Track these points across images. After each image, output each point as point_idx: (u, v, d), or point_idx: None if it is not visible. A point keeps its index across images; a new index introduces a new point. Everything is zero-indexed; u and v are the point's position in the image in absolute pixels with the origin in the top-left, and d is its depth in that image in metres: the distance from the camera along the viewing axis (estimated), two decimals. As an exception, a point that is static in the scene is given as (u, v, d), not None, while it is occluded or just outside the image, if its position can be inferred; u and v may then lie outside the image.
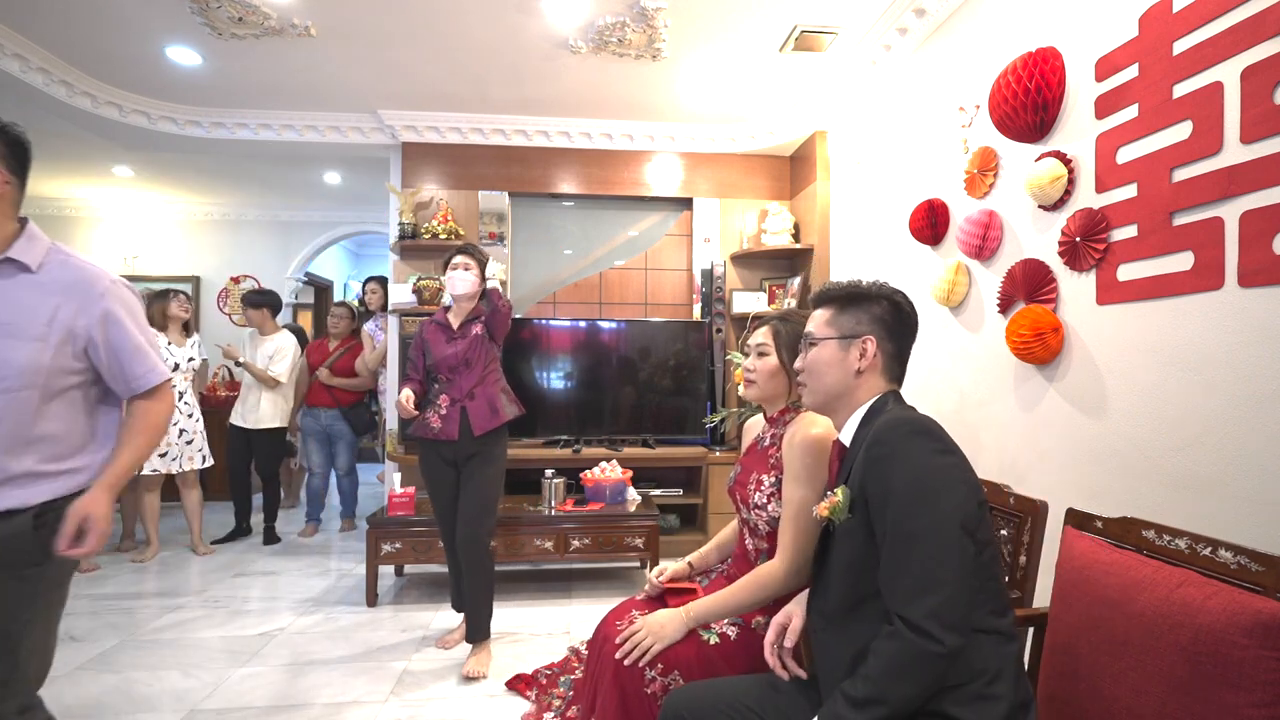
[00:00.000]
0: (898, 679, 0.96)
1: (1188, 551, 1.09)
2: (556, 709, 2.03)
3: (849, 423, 1.21)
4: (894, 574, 1.00)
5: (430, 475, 2.53)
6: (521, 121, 3.94)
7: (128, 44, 3.07)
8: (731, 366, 3.77)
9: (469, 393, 2.48)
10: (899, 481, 1.02)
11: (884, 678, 0.96)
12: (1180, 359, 1.56)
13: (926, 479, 1.02)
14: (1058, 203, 1.92)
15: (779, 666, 1.25)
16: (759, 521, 1.53)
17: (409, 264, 3.97)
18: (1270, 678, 0.90)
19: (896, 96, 2.93)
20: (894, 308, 1.23)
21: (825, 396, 1.24)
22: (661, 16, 2.79)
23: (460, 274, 2.51)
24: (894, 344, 1.23)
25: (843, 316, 1.24)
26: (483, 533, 2.45)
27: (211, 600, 3.01)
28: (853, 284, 1.27)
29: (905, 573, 0.98)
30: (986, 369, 2.27)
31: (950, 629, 0.94)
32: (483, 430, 2.45)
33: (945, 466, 1.04)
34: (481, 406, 2.48)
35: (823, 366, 1.23)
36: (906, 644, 0.95)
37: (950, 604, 0.95)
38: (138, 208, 5.85)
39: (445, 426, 2.45)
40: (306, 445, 4.23)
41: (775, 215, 3.97)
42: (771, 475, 1.52)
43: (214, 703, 2.10)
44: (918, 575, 0.97)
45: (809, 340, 1.27)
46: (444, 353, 2.50)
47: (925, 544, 0.98)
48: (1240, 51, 1.40)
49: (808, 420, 1.47)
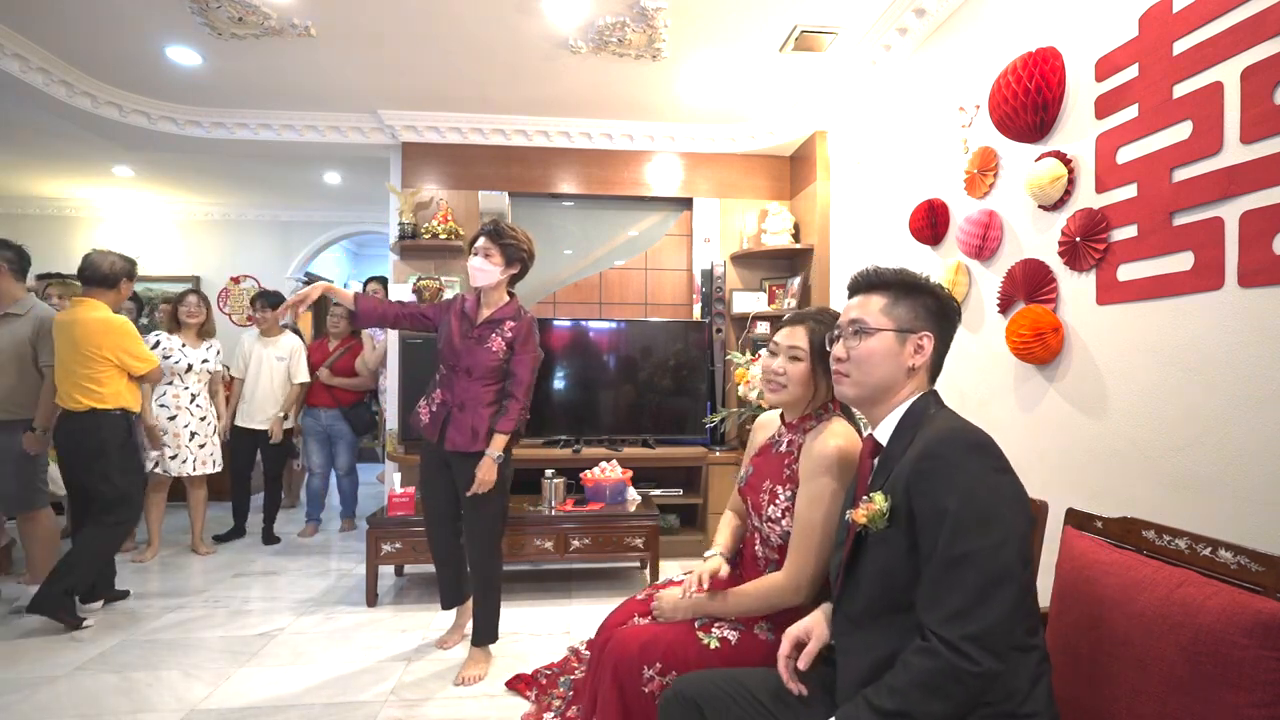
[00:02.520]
0: (929, 696, 0.92)
1: (1188, 551, 1.09)
2: (556, 709, 2.03)
3: (887, 420, 1.15)
4: (939, 593, 0.95)
5: (424, 471, 2.39)
6: (521, 121, 3.94)
7: (128, 44, 3.07)
8: (731, 366, 3.77)
9: (461, 402, 2.25)
10: (955, 501, 0.96)
11: (914, 692, 0.93)
12: (1180, 359, 1.56)
13: (985, 500, 0.96)
14: (1058, 203, 1.92)
15: (790, 680, 1.17)
16: (771, 534, 1.47)
17: (409, 264, 3.97)
18: (1270, 678, 0.90)
19: (896, 96, 2.93)
20: (943, 303, 1.17)
21: (872, 391, 1.16)
22: (661, 16, 2.79)
23: (477, 262, 2.20)
24: (943, 343, 1.17)
25: (899, 307, 1.15)
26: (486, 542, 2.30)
27: (212, 600, 3.01)
28: (904, 271, 1.18)
29: (952, 594, 0.94)
30: (986, 369, 2.27)
31: (991, 653, 0.91)
32: (454, 448, 2.23)
33: (1003, 486, 0.99)
34: (464, 423, 2.23)
35: (877, 359, 1.14)
36: (944, 662, 0.91)
37: (996, 632, 0.91)
38: (138, 208, 5.86)
39: (430, 424, 2.29)
40: (307, 445, 4.23)
41: (775, 215, 3.97)
42: (787, 489, 1.46)
43: (214, 703, 2.10)
44: (966, 600, 0.92)
45: (858, 328, 1.17)
46: (451, 344, 2.25)
47: (979, 569, 0.93)
48: (1240, 51, 1.40)
49: (829, 431, 1.39)
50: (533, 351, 2.27)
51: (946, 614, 0.93)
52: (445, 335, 2.27)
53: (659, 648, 1.41)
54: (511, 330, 2.25)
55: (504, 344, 2.23)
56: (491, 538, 2.33)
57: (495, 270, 2.21)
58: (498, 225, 2.23)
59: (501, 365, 2.25)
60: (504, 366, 2.26)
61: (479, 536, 2.30)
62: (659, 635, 1.44)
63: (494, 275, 2.21)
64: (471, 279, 2.23)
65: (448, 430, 2.24)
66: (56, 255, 5.73)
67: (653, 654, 1.40)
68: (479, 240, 2.22)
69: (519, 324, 2.26)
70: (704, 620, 1.48)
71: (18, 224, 5.66)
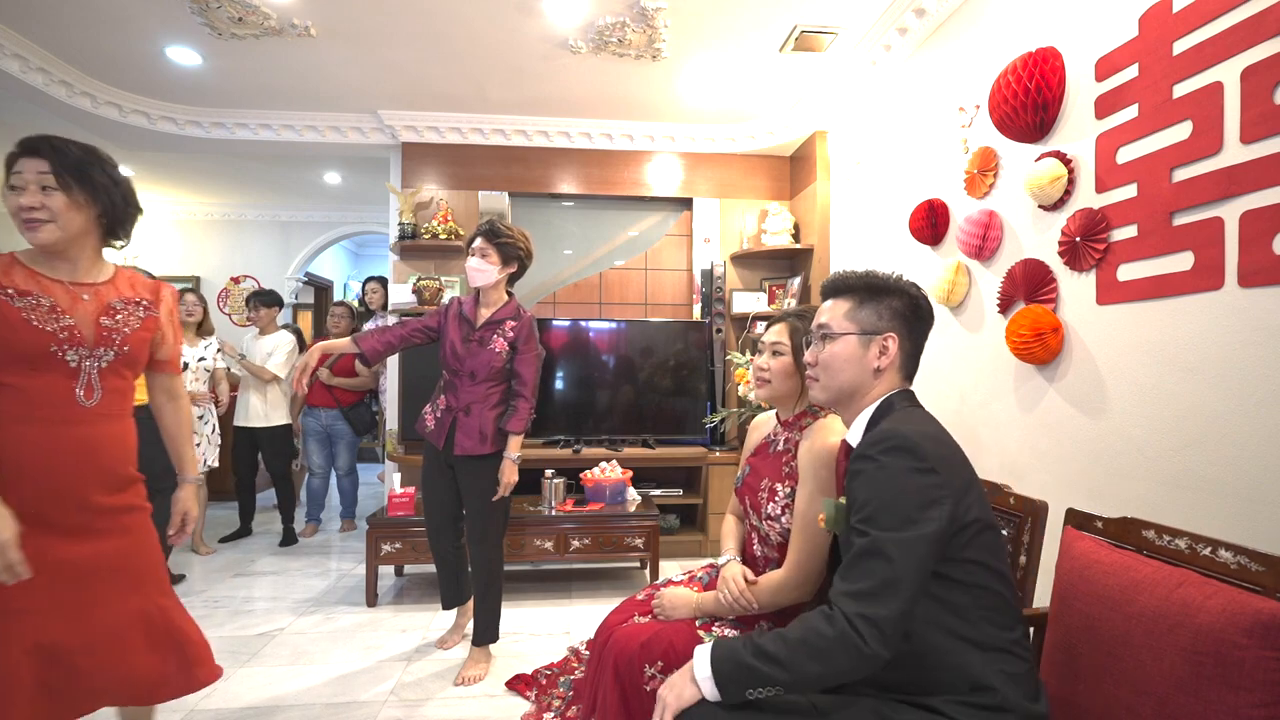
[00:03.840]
0: (812, 656, 0.96)
1: (1187, 551, 1.09)
2: (556, 709, 2.03)
3: (857, 422, 1.18)
4: (851, 574, 1.00)
5: (426, 472, 2.40)
6: (521, 121, 3.94)
7: (128, 44, 3.07)
8: (731, 366, 3.77)
9: (466, 406, 2.26)
10: (873, 496, 1.02)
11: (800, 648, 0.97)
12: (1180, 359, 1.56)
13: (899, 500, 1.00)
14: (1058, 203, 1.92)
15: None
16: (770, 532, 1.48)
17: (409, 264, 3.97)
18: (1270, 678, 0.90)
19: (896, 96, 2.93)
20: (912, 303, 1.18)
21: (838, 394, 1.19)
22: (661, 16, 2.79)
23: (474, 262, 2.21)
24: (912, 341, 1.18)
25: (862, 310, 1.17)
26: (489, 543, 2.32)
27: (212, 600, 3.01)
28: (870, 274, 1.20)
29: (862, 578, 0.98)
30: (986, 369, 2.27)
31: (882, 640, 0.94)
32: (463, 453, 2.24)
33: (922, 487, 1.00)
34: (472, 427, 2.25)
35: (840, 363, 1.17)
36: (839, 631, 0.95)
37: (894, 621, 0.95)
38: (138, 208, 5.86)
39: (436, 430, 2.31)
40: (307, 445, 4.23)
41: (775, 215, 3.97)
42: (786, 486, 1.47)
43: (214, 703, 2.10)
44: (873, 585, 0.96)
45: (824, 333, 1.20)
46: (454, 350, 2.26)
47: (885, 561, 0.97)
48: (1240, 51, 1.40)
49: (825, 429, 1.42)
50: (535, 350, 2.30)
51: (853, 591, 0.98)
52: (446, 342, 2.30)
53: (660, 646, 1.41)
54: (513, 330, 2.27)
55: (506, 344, 2.26)
56: (493, 538, 2.34)
57: (493, 270, 2.23)
58: (493, 225, 2.25)
59: (505, 366, 2.27)
60: (507, 367, 2.28)
61: (481, 537, 2.32)
62: (660, 633, 1.44)
63: (492, 275, 2.23)
64: (470, 279, 2.25)
65: (455, 435, 2.26)
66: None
67: (654, 652, 1.41)
68: (475, 241, 2.24)
69: (520, 323, 2.29)
70: (704, 619, 1.48)
71: (18, 224, 5.66)
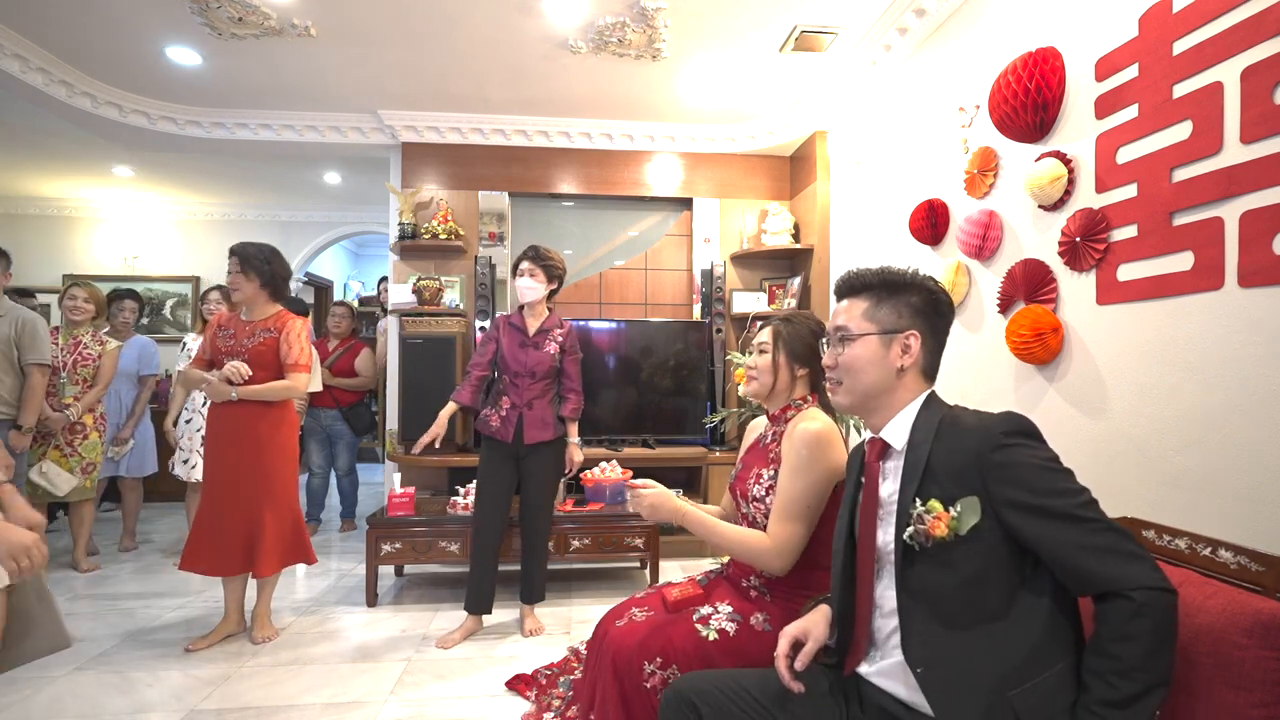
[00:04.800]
0: (1160, 650, 0.88)
1: (1188, 551, 1.09)
2: (556, 709, 2.03)
3: (895, 422, 1.12)
4: (1101, 556, 0.91)
5: (487, 469, 2.68)
6: (521, 121, 3.94)
7: (128, 44, 3.07)
8: (731, 366, 3.77)
9: (528, 402, 2.66)
10: (1047, 476, 0.99)
11: (1152, 658, 0.88)
12: (1180, 359, 1.56)
13: (1059, 468, 1.00)
14: (1058, 203, 1.92)
15: (789, 679, 1.13)
16: (757, 514, 1.54)
17: (409, 264, 3.97)
18: (1270, 678, 0.90)
19: (896, 96, 2.93)
20: (931, 298, 1.13)
21: (863, 397, 1.14)
22: (661, 16, 2.79)
23: (525, 281, 2.65)
24: (934, 339, 1.14)
25: (881, 309, 1.13)
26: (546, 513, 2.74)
27: (212, 600, 3.00)
28: (886, 270, 1.15)
29: (1111, 551, 0.91)
30: (986, 369, 2.27)
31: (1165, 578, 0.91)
32: (534, 440, 2.64)
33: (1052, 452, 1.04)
34: (536, 418, 2.66)
35: (862, 365, 1.12)
36: (1162, 609, 0.88)
37: (1154, 564, 0.92)
38: (138, 208, 5.85)
39: (503, 428, 2.64)
40: (306, 445, 4.23)
41: (775, 215, 3.97)
42: (770, 469, 1.55)
43: (214, 703, 2.10)
44: (1120, 544, 0.92)
45: (842, 335, 1.15)
46: (514, 354, 2.67)
47: (1101, 521, 0.94)
48: (1240, 51, 1.40)
49: (807, 416, 1.51)
50: (579, 352, 2.81)
51: (1115, 567, 0.91)
52: (504, 349, 2.69)
53: (657, 642, 1.43)
54: (562, 336, 2.75)
55: (557, 348, 2.72)
56: (549, 509, 2.78)
57: (541, 287, 2.67)
58: (537, 250, 2.68)
59: (554, 366, 2.72)
60: (556, 367, 2.74)
61: (540, 506, 2.72)
62: (657, 629, 1.46)
63: (540, 291, 2.68)
64: (520, 296, 2.69)
65: (524, 429, 2.64)
66: (57, 255, 5.75)
67: (652, 648, 1.42)
68: (523, 263, 2.66)
69: (566, 332, 2.77)
70: (701, 614, 1.50)
71: (17, 224, 5.65)
